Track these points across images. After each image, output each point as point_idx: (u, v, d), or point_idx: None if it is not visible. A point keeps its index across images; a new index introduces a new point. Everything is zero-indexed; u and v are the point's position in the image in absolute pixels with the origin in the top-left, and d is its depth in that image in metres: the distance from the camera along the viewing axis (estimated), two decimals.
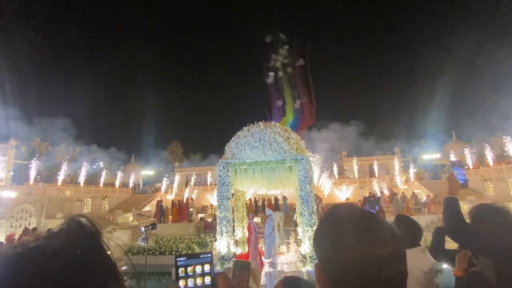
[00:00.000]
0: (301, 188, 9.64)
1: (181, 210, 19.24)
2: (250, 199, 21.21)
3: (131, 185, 32.77)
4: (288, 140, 10.30)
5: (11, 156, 22.18)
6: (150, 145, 49.09)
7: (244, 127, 10.64)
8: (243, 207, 12.85)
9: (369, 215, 0.66)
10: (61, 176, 22.84)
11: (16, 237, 11.02)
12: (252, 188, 13.69)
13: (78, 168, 25.21)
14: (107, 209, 24.41)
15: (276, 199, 21.31)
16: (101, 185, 27.66)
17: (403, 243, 0.64)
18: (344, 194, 27.10)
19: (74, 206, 20.48)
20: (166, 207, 19.78)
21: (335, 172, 31.44)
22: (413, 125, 56.52)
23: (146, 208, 26.31)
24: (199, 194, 28.59)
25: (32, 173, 20.48)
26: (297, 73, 51.39)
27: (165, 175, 32.21)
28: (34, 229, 11.35)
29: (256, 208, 21.18)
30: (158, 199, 24.07)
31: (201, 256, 0.57)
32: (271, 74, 51.20)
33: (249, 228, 9.58)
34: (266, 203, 21.26)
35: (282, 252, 10.97)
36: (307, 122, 46.22)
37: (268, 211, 10.27)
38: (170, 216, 19.17)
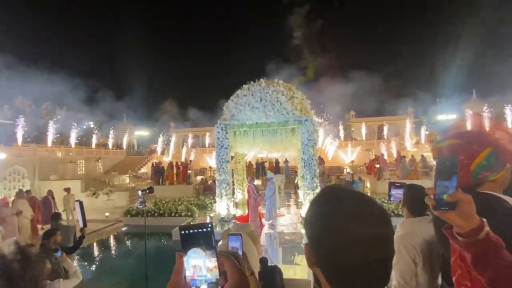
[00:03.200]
0: (303, 152, 9.76)
1: (180, 172, 19.57)
2: (250, 162, 21.44)
3: (125, 146, 32.84)
4: (292, 100, 10.17)
5: None
6: (143, 104, 48.51)
7: (244, 85, 10.49)
8: (243, 170, 13.19)
9: (359, 197, 0.69)
10: (50, 137, 23.06)
11: (10, 199, 11.44)
12: (252, 151, 13.85)
13: (68, 128, 25.39)
14: (101, 171, 24.39)
15: (277, 162, 21.65)
16: (93, 146, 27.79)
17: (391, 226, 0.67)
18: (349, 156, 27.57)
19: (67, 168, 20.70)
20: (162, 167, 20.27)
21: (341, 134, 31.62)
22: (430, 83, 55.23)
23: (143, 170, 26.56)
24: (197, 156, 28.98)
25: (19, 133, 20.59)
26: (315, 30, 49.66)
27: (161, 135, 32.26)
28: (28, 191, 11.44)
29: (257, 171, 21.67)
30: (155, 160, 24.77)
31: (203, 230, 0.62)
32: (296, 34, 49.74)
33: (248, 191, 9.90)
34: (267, 165, 21.78)
35: (282, 214, 11.43)
36: (323, 80, 44.96)
37: (269, 174, 10.74)
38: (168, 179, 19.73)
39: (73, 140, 24.87)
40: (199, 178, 21.63)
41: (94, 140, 28.23)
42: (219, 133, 10.28)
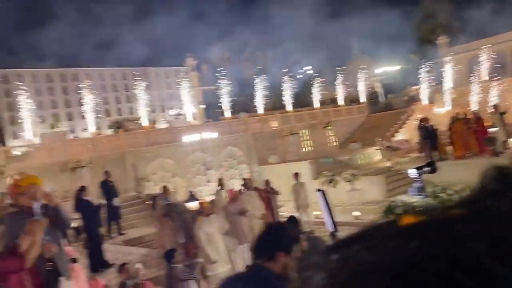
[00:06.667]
0: None
1: (472, 132, 14.82)
2: None
3: (363, 97, 27.61)
4: None
5: (195, 81, 20.46)
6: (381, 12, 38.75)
7: None
8: None
9: None
10: (259, 100, 21.09)
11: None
12: None
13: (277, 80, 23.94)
14: (335, 143, 21.86)
15: None
16: (316, 105, 24.55)
17: None
18: None
19: (288, 143, 18.64)
20: (437, 129, 15.85)
21: None
22: None
23: (399, 136, 21.60)
24: (502, 94, 20.77)
25: (225, 102, 19.81)
26: None
27: (422, 66, 24.67)
28: (247, 180, 11.04)
29: None
30: (419, 116, 18.94)
31: None
32: None
33: None
34: None
35: None
36: None
37: None
38: (450, 147, 15.43)
39: (288, 100, 21.63)
40: None
41: (316, 95, 24.70)
42: None
